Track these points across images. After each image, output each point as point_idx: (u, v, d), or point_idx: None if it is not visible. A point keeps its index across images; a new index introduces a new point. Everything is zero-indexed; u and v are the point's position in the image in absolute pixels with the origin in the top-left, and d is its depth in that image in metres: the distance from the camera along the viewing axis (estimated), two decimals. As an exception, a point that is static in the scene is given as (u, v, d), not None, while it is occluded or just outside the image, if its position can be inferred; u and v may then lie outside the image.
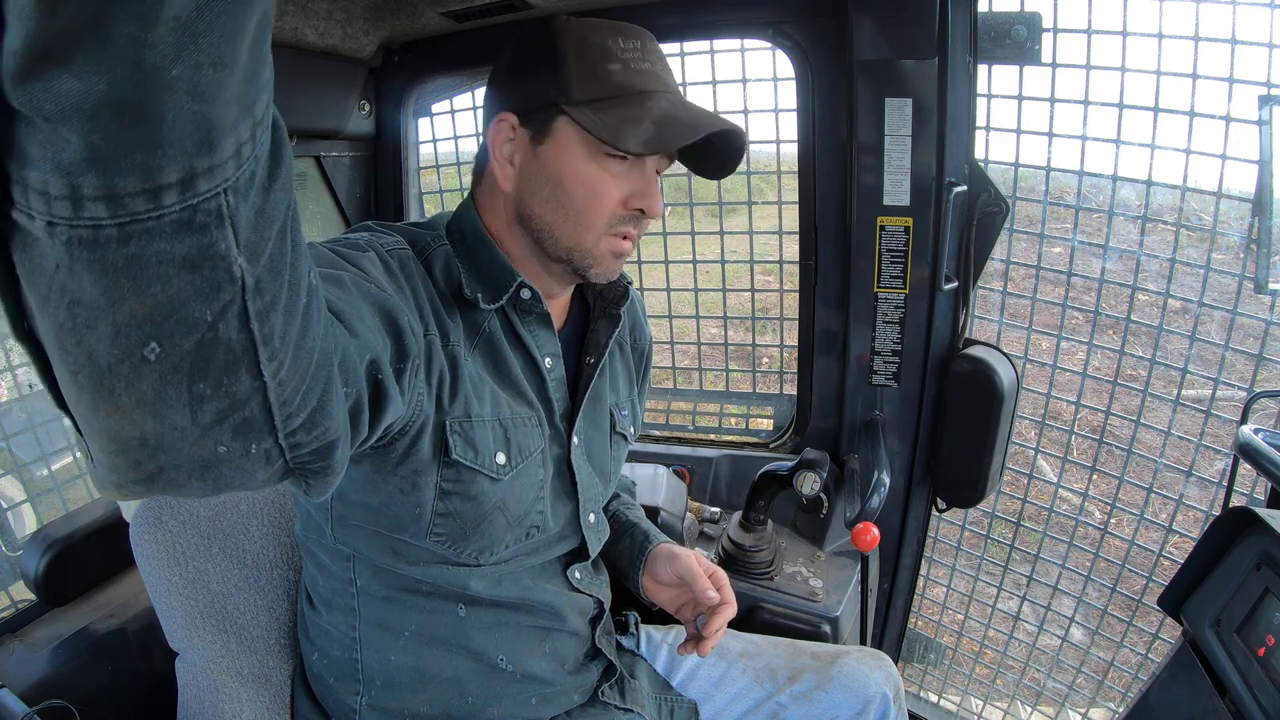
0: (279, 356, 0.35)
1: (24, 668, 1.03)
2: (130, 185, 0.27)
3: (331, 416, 0.42)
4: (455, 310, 0.76)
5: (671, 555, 0.95)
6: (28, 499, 1.50)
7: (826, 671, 1.02)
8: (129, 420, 0.32)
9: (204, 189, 0.28)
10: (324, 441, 0.42)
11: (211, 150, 0.28)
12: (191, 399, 0.33)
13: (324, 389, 0.41)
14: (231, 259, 0.30)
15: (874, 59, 1.23)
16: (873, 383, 1.43)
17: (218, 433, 0.35)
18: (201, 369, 0.32)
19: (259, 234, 0.32)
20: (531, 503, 0.81)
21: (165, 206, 0.28)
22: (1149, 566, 1.55)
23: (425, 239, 0.78)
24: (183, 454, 0.35)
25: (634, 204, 0.76)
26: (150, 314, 0.30)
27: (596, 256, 0.78)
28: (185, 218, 0.28)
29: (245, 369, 0.33)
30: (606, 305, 0.90)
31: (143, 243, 0.28)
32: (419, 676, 0.83)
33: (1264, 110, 1.17)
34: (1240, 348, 1.39)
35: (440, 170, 1.81)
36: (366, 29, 1.41)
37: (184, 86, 0.26)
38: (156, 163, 0.27)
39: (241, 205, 0.30)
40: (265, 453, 0.38)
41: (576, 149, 0.74)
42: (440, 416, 0.72)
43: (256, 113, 0.30)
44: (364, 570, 0.81)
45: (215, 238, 0.29)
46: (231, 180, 0.29)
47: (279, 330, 0.34)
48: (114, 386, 0.31)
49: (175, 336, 0.31)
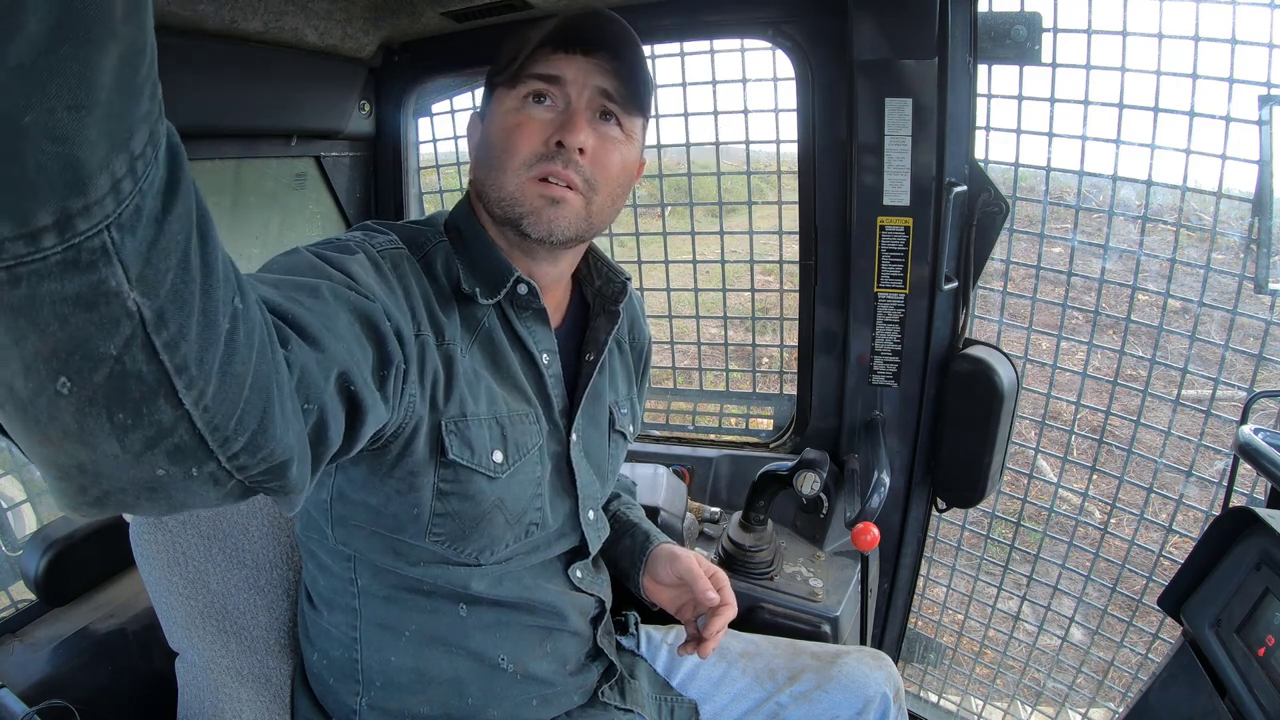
0: (198, 385, 0.34)
1: (24, 668, 1.03)
2: (6, 230, 0.26)
3: (275, 439, 0.41)
4: (453, 307, 0.76)
5: (672, 556, 0.95)
6: (28, 499, 1.50)
7: (826, 671, 1.02)
8: (61, 450, 0.33)
9: (82, 228, 0.28)
10: (272, 463, 0.42)
11: (84, 190, 0.27)
12: (115, 428, 0.33)
13: (263, 411, 0.40)
14: (125, 295, 0.30)
15: (874, 59, 1.23)
16: (873, 383, 1.43)
17: (152, 458, 0.34)
18: (117, 400, 0.32)
19: (153, 267, 0.31)
20: (529, 500, 0.81)
21: (46, 249, 0.27)
22: (1149, 566, 1.55)
23: (425, 236, 0.79)
24: (123, 478, 0.35)
25: (554, 138, 0.74)
26: (54, 351, 0.30)
27: (522, 202, 0.74)
28: (70, 258, 0.28)
29: (163, 398, 0.33)
30: (605, 302, 0.90)
31: (32, 284, 0.28)
32: (419, 677, 0.83)
33: (1264, 110, 1.17)
34: (1240, 348, 1.39)
35: (440, 170, 1.82)
36: (366, 29, 1.41)
37: (40, 131, 0.25)
38: (27, 206, 0.26)
39: (128, 240, 0.30)
40: (211, 475, 0.38)
41: (500, 108, 0.77)
42: (435, 417, 0.71)
43: (134, 147, 0.29)
44: (365, 570, 0.81)
45: (104, 274, 0.29)
46: (113, 217, 0.29)
47: (194, 359, 0.34)
48: (38, 418, 0.32)
49: (83, 371, 0.31)
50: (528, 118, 0.75)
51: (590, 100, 0.76)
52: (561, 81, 0.75)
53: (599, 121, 0.77)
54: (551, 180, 0.74)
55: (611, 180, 0.78)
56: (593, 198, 0.76)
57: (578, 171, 0.74)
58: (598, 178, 0.76)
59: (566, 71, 0.75)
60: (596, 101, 0.76)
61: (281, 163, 1.51)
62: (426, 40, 1.53)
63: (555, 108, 0.76)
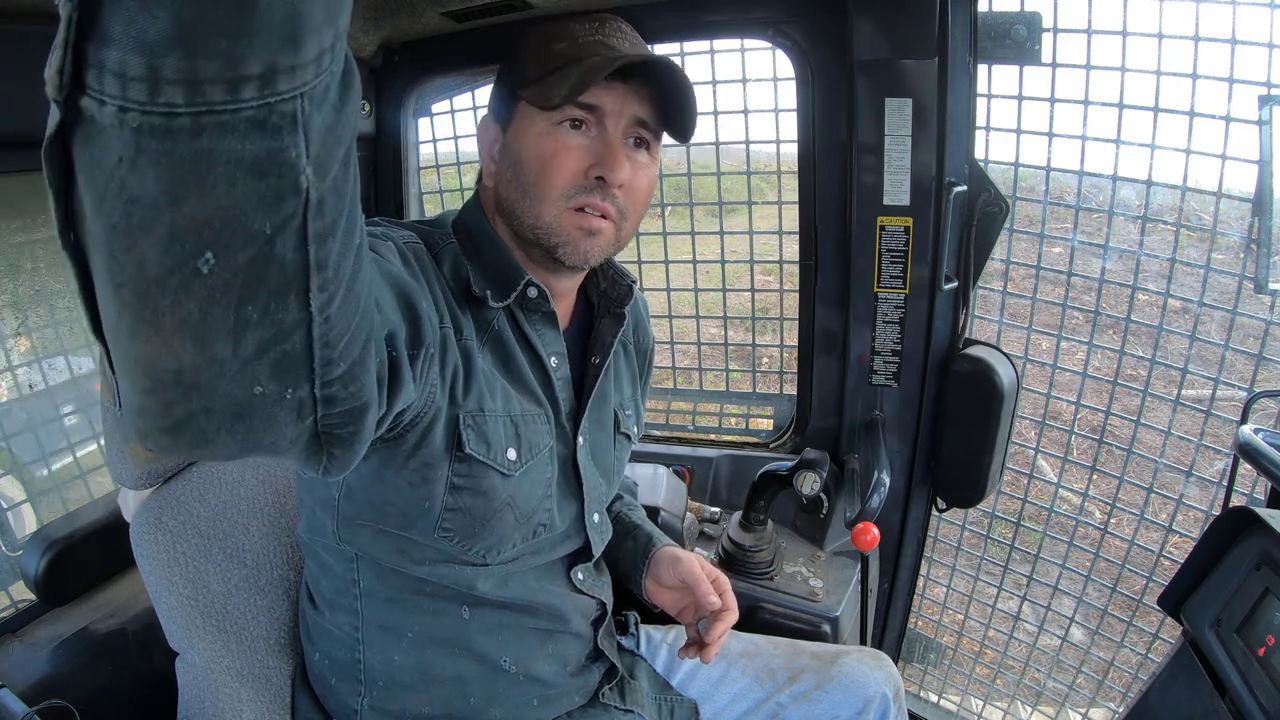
0: (329, 289, 0.34)
1: (24, 668, 1.03)
2: (212, 72, 0.26)
3: (367, 373, 0.41)
4: (465, 307, 0.76)
5: (675, 559, 0.95)
6: (28, 499, 1.50)
7: (826, 671, 1.03)
8: (167, 347, 0.31)
9: (283, 89, 0.28)
10: (357, 402, 0.41)
11: (296, 48, 0.27)
12: (237, 324, 0.31)
13: (364, 344, 0.40)
14: (300, 168, 0.30)
15: (874, 59, 1.23)
16: (873, 383, 1.43)
17: (256, 368, 0.33)
18: (251, 289, 0.31)
19: (328, 150, 0.31)
20: (539, 500, 0.81)
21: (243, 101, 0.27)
22: (1149, 566, 1.55)
23: (434, 236, 0.79)
24: (217, 394, 0.33)
25: (594, 172, 0.74)
26: (210, 219, 0.28)
27: (559, 232, 0.75)
28: (261, 116, 0.28)
29: (295, 294, 0.32)
30: (610, 305, 0.90)
31: (214, 137, 0.27)
32: (422, 677, 0.83)
33: (1264, 110, 1.17)
34: (1240, 348, 1.39)
35: (440, 170, 1.81)
36: (366, 29, 1.41)
37: None
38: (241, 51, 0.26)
39: (315, 115, 0.29)
40: (300, 402, 0.36)
41: (531, 126, 0.75)
42: (454, 410, 0.72)
43: (340, 25, 0.29)
44: (368, 571, 0.81)
45: (287, 143, 0.29)
46: (309, 86, 0.29)
47: (334, 259, 0.33)
48: (159, 304, 0.30)
49: (232, 248, 0.29)
50: (564, 145, 0.74)
51: (626, 129, 0.76)
52: (599, 110, 0.74)
53: (632, 150, 0.77)
54: (588, 211, 0.75)
55: (640, 205, 0.80)
56: (623, 224, 0.79)
57: (613, 202, 0.76)
58: (629, 205, 0.78)
59: (606, 101, 0.74)
60: (631, 129, 0.76)
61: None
62: (426, 40, 1.53)
63: (590, 134, 0.75)
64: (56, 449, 1.52)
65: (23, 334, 1.59)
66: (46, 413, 1.52)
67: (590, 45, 0.74)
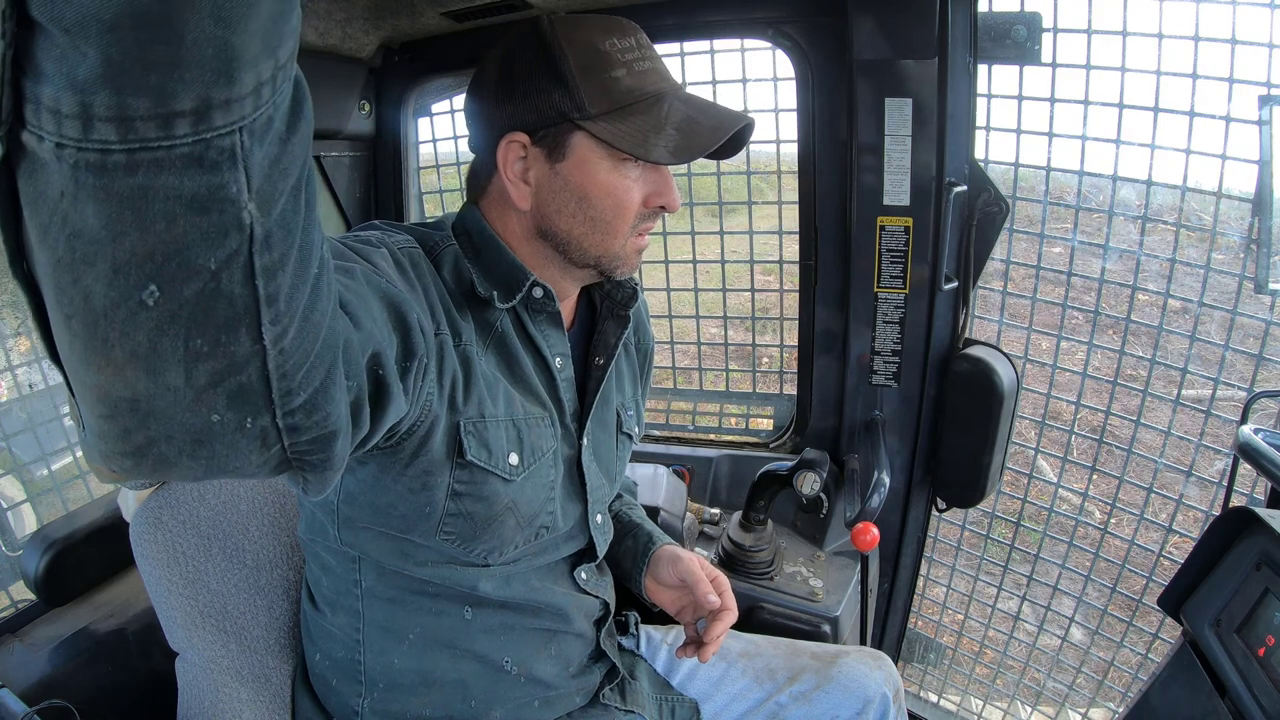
0: (282, 321, 0.33)
1: (24, 668, 1.03)
2: (142, 108, 0.26)
3: (334, 402, 0.40)
4: (466, 310, 0.75)
5: (675, 558, 0.95)
6: (28, 499, 1.50)
7: (826, 671, 1.02)
8: (120, 376, 0.31)
9: (219, 124, 0.27)
10: (324, 430, 0.40)
11: (230, 82, 0.27)
12: (187, 355, 0.31)
13: (328, 372, 0.39)
14: (242, 204, 0.29)
15: (874, 59, 1.23)
16: (873, 383, 1.43)
17: (212, 397, 0.33)
18: (200, 322, 0.31)
19: (272, 184, 0.31)
20: (542, 504, 0.81)
21: (177, 137, 0.27)
22: (1149, 566, 1.55)
23: (434, 238, 0.78)
24: (174, 421, 0.33)
25: (654, 202, 0.77)
26: (152, 253, 0.28)
27: (623, 258, 0.79)
28: (197, 152, 0.27)
29: (245, 329, 0.32)
30: (615, 306, 0.90)
31: (150, 174, 0.27)
32: (422, 679, 0.83)
33: (1264, 110, 1.17)
34: (1240, 348, 1.39)
35: (440, 170, 1.81)
36: (366, 29, 1.41)
37: (208, 7, 0.25)
38: (172, 86, 0.26)
39: (256, 149, 0.29)
40: (262, 431, 0.36)
41: (599, 162, 0.73)
42: (454, 417, 0.71)
43: (280, 56, 0.29)
44: (369, 572, 0.81)
45: (227, 179, 0.28)
46: (248, 120, 0.28)
47: (285, 293, 0.33)
48: (108, 334, 0.30)
49: (176, 282, 0.29)
50: (633, 182, 0.75)
51: None
52: None
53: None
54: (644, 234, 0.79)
55: None
56: None
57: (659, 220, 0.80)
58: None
59: None
60: None
61: (281, 163, 1.51)
62: (426, 40, 1.53)
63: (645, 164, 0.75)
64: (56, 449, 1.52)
65: (23, 334, 1.59)
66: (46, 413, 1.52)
67: (649, 77, 0.74)
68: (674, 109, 0.73)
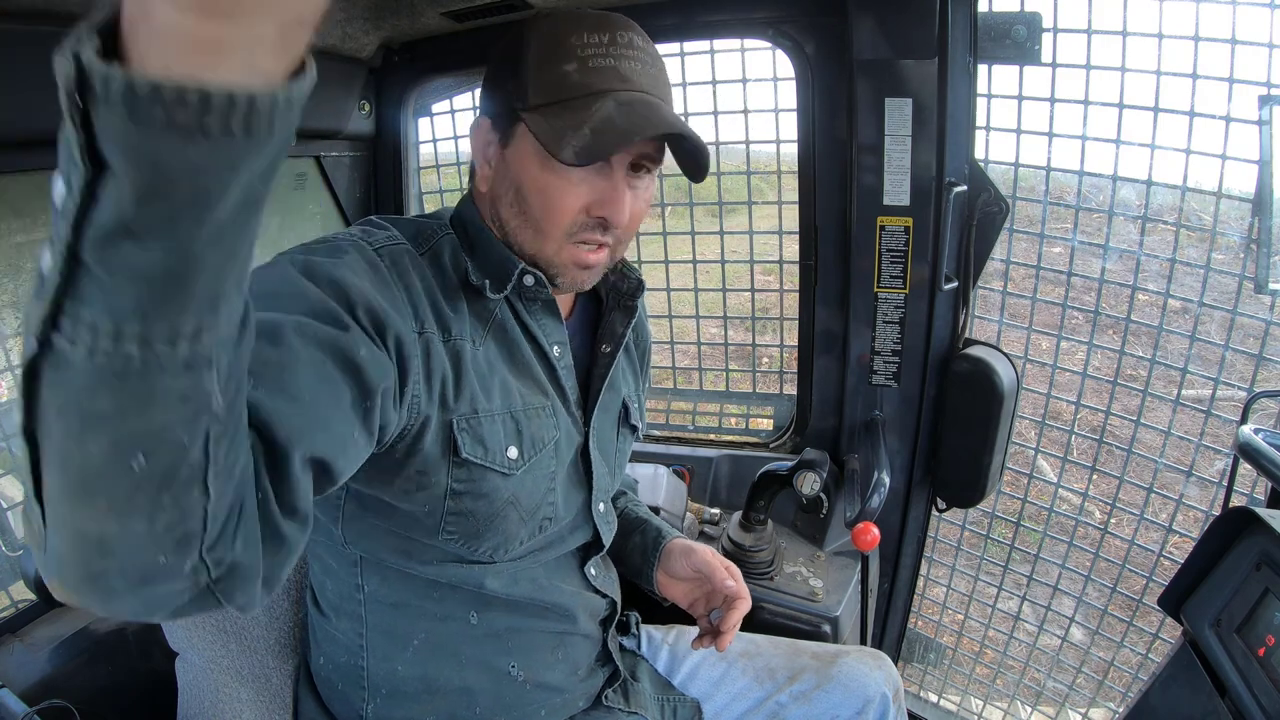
0: (221, 476, 0.41)
1: (24, 668, 1.03)
2: (160, 333, 0.34)
3: (229, 542, 0.46)
4: (463, 300, 0.75)
5: (687, 550, 0.95)
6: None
7: (826, 671, 1.02)
8: (95, 519, 0.38)
9: (205, 340, 0.35)
10: (232, 560, 0.45)
11: (215, 313, 0.35)
12: (153, 507, 0.38)
13: (241, 502, 0.45)
14: (212, 393, 0.37)
15: (874, 59, 1.23)
16: (873, 383, 1.43)
17: (165, 541, 0.40)
18: (169, 481, 0.38)
19: (229, 379, 0.39)
20: (543, 495, 0.80)
21: (178, 351, 0.35)
22: (1149, 566, 1.55)
23: (431, 228, 0.78)
24: (129, 559, 0.40)
25: (596, 212, 0.72)
26: (146, 431, 0.36)
27: (559, 266, 0.76)
28: (190, 361, 0.35)
29: (198, 486, 0.40)
30: (621, 297, 0.90)
31: (156, 377, 0.35)
32: (426, 687, 0.83)
33: (1264, 110, 1.17)
34: (1240, 348, 1.39)
35: (440, 170, 1.81)
36: (366, 29, 1.41)
37: (210, 268, 0.33)
38: (181, 320, 0.34)
39: (223, 355, 0.38)
40: (194, 569, 0.43)
41: (533, 155, 0.71)
42: (445, 415, 0.71)
43: (243, 289, 0.38)
44: (372, 575, 0.80)
45: (205, 377, 0.37)
46: (221, 335, 0.37)
47: (224, 454, 0.41)
48: (96, 487, 0.37)
49: (159, 453, 0.37)
50: (569, 183, 0.71)
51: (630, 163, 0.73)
52: None
53: (633, 176, 0.74)
54: (587, 245, 0.75)
55: (636, 226, 0.79)
56: (618, 248, 0.79)
57: (611, 234, 0.75)
58: (627, 231, 0.77)
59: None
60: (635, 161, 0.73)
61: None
62: (426, 40, 1.53)
63: (592, 167, 0.71)
64: (56, 449, 1.52)
65: (22, 334, 1.59)
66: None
67: (601, 74, 0.69)
68: (603, 109, 0.67)
